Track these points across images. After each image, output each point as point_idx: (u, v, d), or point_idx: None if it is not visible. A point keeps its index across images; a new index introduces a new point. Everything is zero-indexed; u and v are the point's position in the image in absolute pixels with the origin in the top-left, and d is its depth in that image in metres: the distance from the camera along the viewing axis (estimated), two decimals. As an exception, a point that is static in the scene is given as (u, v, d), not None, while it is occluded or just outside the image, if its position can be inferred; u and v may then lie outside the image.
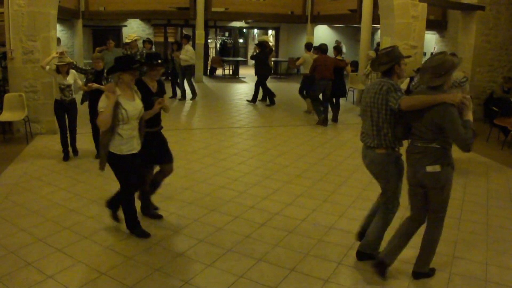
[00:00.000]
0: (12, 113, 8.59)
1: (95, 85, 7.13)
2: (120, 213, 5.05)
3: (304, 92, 12.17)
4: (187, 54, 13.17)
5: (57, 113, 7.66)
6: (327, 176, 7.14)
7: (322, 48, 10.92)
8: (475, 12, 11.01)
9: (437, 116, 3.75)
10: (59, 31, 15.52)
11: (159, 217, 5.42)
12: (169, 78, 14.48)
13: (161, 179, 5.50)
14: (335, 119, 11.18)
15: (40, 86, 8.99)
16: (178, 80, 13.89)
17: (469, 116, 3.78)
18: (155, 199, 5.99)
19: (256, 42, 14.80)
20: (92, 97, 7.26)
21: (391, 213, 4.43)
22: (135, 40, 11.26)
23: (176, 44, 13.87)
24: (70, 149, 7.77)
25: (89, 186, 6.44)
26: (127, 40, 11.69)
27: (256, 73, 13.58)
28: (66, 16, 14.51)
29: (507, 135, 9.30)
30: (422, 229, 4.19)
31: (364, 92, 4.48)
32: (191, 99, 13.63)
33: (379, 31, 13.94)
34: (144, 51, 10.70)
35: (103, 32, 17.59)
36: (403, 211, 4.87)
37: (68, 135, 7.73)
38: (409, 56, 4.56)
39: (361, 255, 4.55)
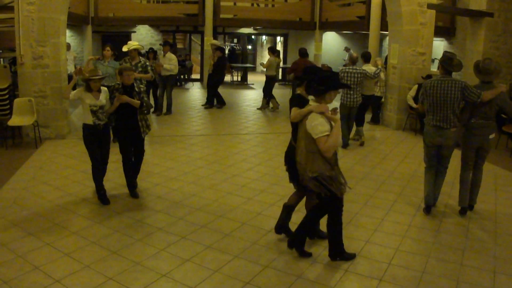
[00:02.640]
0: (21, 118, 8.65)
1: (125, 97, 5.89)
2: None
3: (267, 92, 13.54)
4: (171, 63, 11.85)
5: (89, 143, 6.01)
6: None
7: (302, 52, 11.95)
8: (484, 19, 10.97)
9: (498, 100, 5.62)
10: (69, 36, 15.65)
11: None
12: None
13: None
14: None
15: (49, 91, 9.05)
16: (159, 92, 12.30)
17: None
18: (162, 204, 6.01)
19: (214, 46, 14.07)
20: (121, 116, 6.09)
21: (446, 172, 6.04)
22: (135, 50, 9.16)
23: (152, 52, 12.33)
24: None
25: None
26: (124, 49, 9.30)
27: (216, 78, 13.59)
28: (75, 22, 14.62)
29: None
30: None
31: (429, 87, 5.70)
32: (165, 114, 12.21)
33: (387, 38, 13.93)
34: (147, 63, 9.27)
35: (112, 38, 17.69)
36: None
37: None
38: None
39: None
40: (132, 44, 9.26)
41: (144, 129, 6.23)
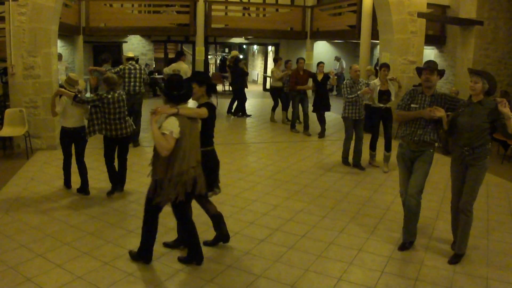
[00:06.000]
0: (12, 129, 8.60)
1: (61, 90, 6.47)
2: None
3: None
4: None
5: (62, 141, 6.69)
6: (326, 192, 7.12)
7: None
8: (474, 27, 11.10)
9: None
10: (60, 47, 15.63)
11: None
12: None
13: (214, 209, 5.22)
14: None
15: (40, 102, 9.00)
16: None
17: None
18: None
19: (230, 57, 14.95)
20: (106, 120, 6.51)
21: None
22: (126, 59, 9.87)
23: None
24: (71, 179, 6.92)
25: (90, 201, 6.43)
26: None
27: (238, 87, 13.67)
28: (67, 32, 14.59)
29: (507, 149, 9.31)
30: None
31: None
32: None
33: (378, 47, 14.02)
34: (124, 67, 9.36)
35: (103, 48, 17.69)
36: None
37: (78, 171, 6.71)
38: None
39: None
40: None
41: (127, 130, 6.68)
